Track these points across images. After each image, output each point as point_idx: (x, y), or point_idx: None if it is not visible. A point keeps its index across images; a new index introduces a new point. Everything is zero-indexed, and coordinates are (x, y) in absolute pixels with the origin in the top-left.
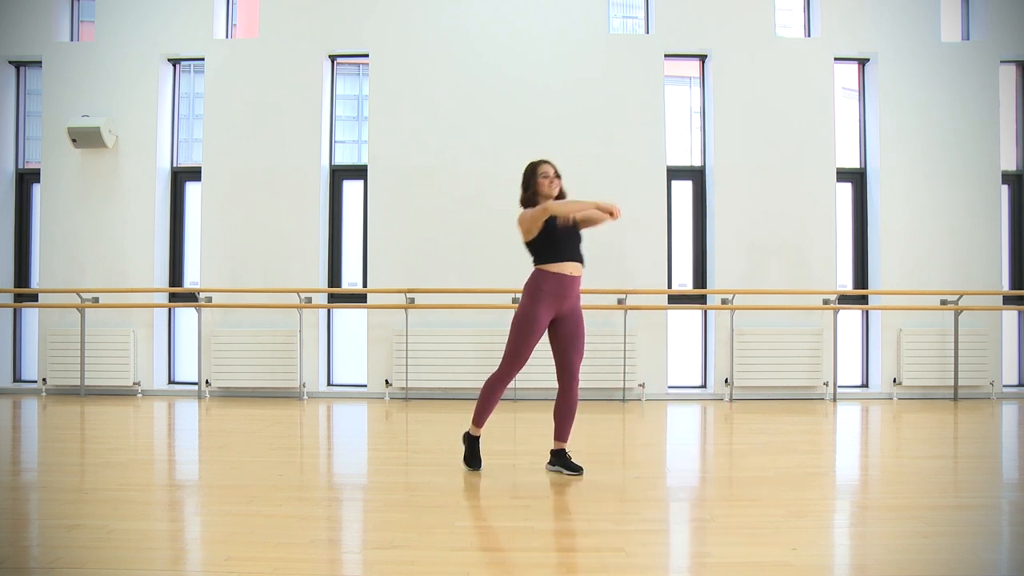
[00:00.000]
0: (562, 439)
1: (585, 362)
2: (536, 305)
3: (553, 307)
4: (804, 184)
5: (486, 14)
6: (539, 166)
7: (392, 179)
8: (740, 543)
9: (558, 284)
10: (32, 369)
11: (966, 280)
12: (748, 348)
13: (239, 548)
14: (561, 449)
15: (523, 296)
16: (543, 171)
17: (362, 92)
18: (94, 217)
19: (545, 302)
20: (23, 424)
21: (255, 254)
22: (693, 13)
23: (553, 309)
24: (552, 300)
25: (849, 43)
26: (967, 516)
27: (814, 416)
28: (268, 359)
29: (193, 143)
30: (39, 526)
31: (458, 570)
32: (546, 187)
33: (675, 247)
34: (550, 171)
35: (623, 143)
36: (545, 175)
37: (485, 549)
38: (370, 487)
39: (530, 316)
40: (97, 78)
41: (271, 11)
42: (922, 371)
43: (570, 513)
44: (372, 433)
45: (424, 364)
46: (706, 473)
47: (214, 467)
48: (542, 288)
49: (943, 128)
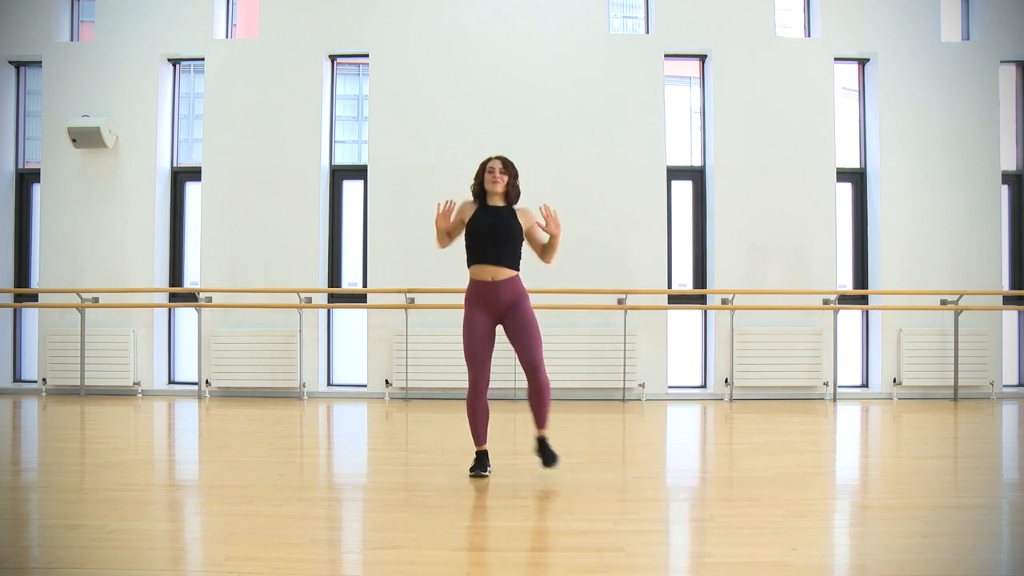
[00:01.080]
0: (540, 426)
1: (585, 362)
2: (467, 309)
3: (486, 311)
4: (804, 184)
5: (486, 14)
6: (487, 161)
7: (392, 179)
8: (740, 543)
9: (477, 289)
10: (32, 369)
11: (966, 280)
12: (748, 348)
13: (239, 548)
14: (541, 437)
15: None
16: (489, 166)
17: (362, 92)
18: (94, 217)
19: (475, 306)
20: (23, 424)
21: (255, 254)
22: (693, 13)
23: (487, 313)
24: (480, 305)
25: (849, 43)
26: (967, 516)
27: (814, 416)
28: (268, 359)
29: (193, 143)
30: (39, 526)
31: (458, 570)
32: (488, 182)
33: (675, 247)
34: (496, 166)
35: (623, 143)
36: (490, 170)
37: (485, 549)
38: (370, 487)
39: (464, 320)
40: (97, 78)
41: (271, 11)
42: (922, 371)
43: (570, 513)
44: (372, 433)
45: (424, 364)
46: (706, 473)
47: (214, 467)
48: (468, 292)
49: (943, 128)
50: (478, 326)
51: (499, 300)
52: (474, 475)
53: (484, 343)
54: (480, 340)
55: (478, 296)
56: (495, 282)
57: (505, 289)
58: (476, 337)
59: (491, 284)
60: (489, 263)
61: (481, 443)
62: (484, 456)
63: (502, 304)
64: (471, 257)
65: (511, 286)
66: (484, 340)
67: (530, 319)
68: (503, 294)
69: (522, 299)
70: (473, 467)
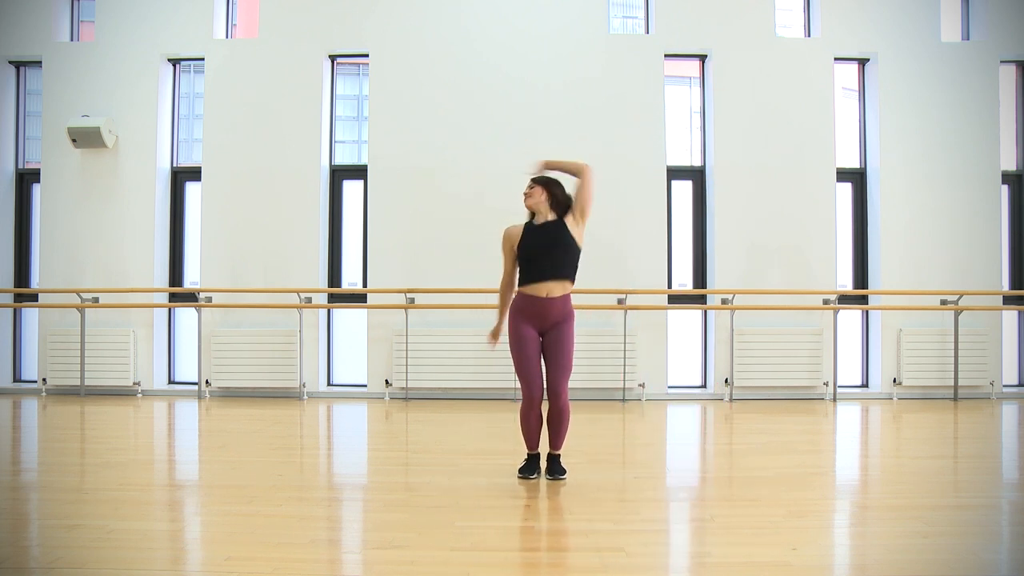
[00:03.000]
0: (555, 448)
1: (585, 362)
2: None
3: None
4: (804, 184)
5: (486, 14)
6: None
7: (392, 179)
8: (740, 543)
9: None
10: (32, 369)
11: (966, 280)
12: (748, 348)
13: (239, 548)
14: (555, 455)
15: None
16: (525, 192)
17: (362, 92)
18: (94, 217)
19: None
20: (23, 424)
21: (255, 254)
22: (693, 13)
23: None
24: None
25: (849, 43)
26: (967, 516)
27: (814, 416)
28: (268, 359)
29: (193, 143)
30: (39, 526)
31: (458, 570)
32: (525, 202)
33: (675, 247)
34: (527, 188)
35: (623, 143)
36: (526, 195)
37: (485, 549)
38: (370, 487)
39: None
40: (97, 78)
41: (271, 11)
42: (922, 371)
43: (570, 513)
44: (372, 433)
45: (424, 364)
46: (706, 473)
47: (214, 467)
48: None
49: (943, 128)
50: (527, 342)
51: (549, 316)
52: (522, 476)
53: (534, 359)
54: (532, 357)
55: (527, 310)
56: (550, 299)
57: (557, 307)
58: (527, 354)
59: (545, 300)
60: (546, 280)
61: (533, 447)
62: (535, 460)
63: (550, 320)
64: (524, 277)
65: (563, 304)
66: (535, 356)
67: (568, 343)
68: (554, 311)
69: (569, 319)
70: (523, 468)
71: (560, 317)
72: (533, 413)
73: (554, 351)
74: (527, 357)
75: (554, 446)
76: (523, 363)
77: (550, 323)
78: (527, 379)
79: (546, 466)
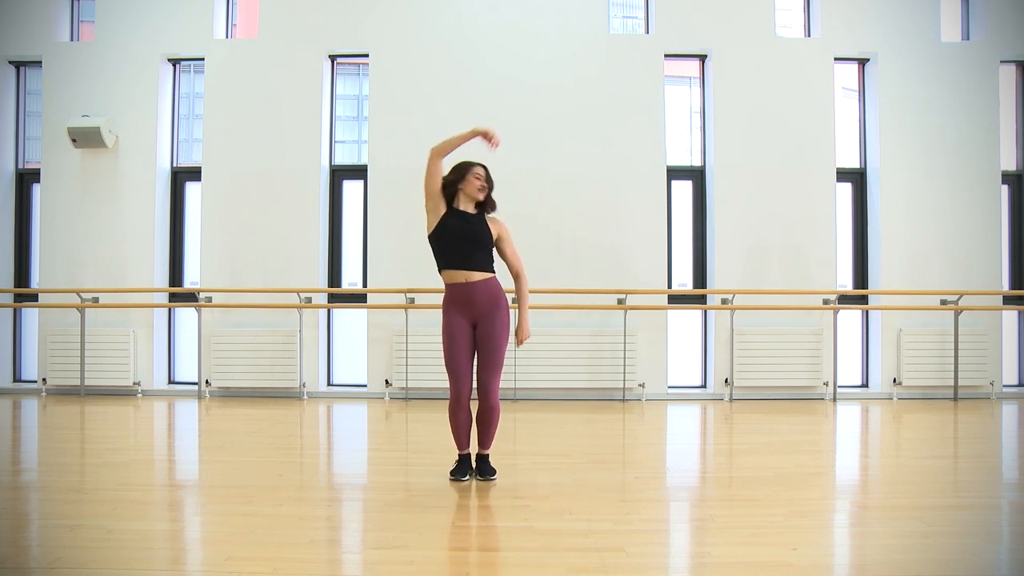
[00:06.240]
0: (484, 447)
1: (585, 362)
2: (445, 316)
3: (463, 315)
4: (804, 184)
5: (486, 14)
6: (475, 166)
7: (392, 179)
8: (740, 543)
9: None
10: (32, 369)
11: (966, 280)
12: (748, 348)
13: (239, 548)
14: (483, 455)
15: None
16: (476, 171)
17: (362, 92)
18: (94, 217)
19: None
20: (23, 424)
21: (255, 254)
22: (693, 13)
23: (465, 317)
24: (457, 308)
25: (849, 43)
26: (967, 516)
27: (814, 416)
28: (268, 359)
29: (193, 143)
30: (39, 526)
31: (458, 570)
32: (474, 187)
33: (675, 247)
34: (482, 174)
35: (623, 143)
36: (477, 176)
37: (485, 549)
38: (370, 487)
39: (443, 328)
40: (97, 78)
41: (271, 11)
42: (922, 371)
43: (570, 513)
44: (372, 433)
45: (424, 364)
46: (706, 473)
47: (214, 467)
48: (445, 298)
49: (943, 128)
50: (457, 334)
51: (476, 300)
52: (454, 479)
53: (465, 352)
54: (460, 349)
55: (455, 299)
56: (469, 283)
57: (480, 289)
58: (456, 346)
59: (465, 285)
60: (460, 268)
61: (464, 447)
62: (467, 460)
63: (480, 305)
64: (442, 261)
65: (486, 286)
66: (465, 349)
67: (500, 338)
68: (479, 294)
69: (500, 306)
70: (454, 471)
71: (489, 298)
72: (462, 411)
73: (484, 346)
74: (457, 350)
75: (483, 446)
76: (452, 357)
77: (480, 310)
78: (455, 374)
79: (476, 467)
